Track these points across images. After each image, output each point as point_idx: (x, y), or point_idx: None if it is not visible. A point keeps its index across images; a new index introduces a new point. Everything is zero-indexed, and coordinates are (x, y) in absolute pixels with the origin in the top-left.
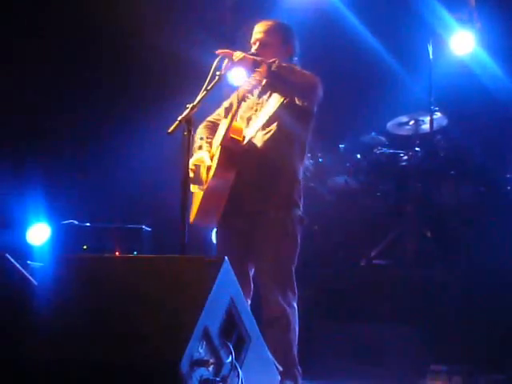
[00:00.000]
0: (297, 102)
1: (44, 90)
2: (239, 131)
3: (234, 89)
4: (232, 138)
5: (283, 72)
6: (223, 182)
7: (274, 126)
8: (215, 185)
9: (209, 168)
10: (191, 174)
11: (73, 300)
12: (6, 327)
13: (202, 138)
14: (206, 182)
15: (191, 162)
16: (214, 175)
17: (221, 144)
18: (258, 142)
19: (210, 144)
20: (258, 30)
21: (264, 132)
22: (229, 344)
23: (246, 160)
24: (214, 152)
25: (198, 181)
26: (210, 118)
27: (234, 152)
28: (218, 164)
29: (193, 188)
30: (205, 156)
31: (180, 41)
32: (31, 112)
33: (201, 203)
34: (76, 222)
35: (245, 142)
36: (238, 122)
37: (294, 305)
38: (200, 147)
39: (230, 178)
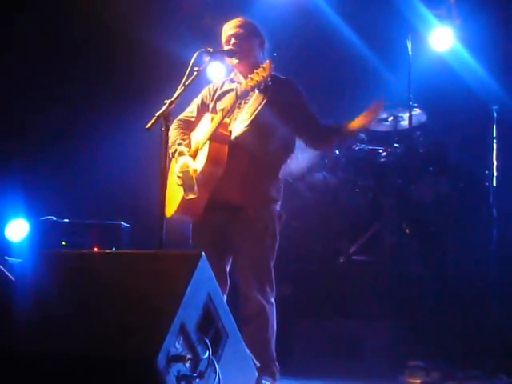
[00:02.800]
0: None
1: (22, 86)
2: (225, 126)
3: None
4: (221, 132)
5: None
6: (211, 177)
7: (258, 123)
8: (202, 179)
9: (195, 171)
10: (179, 182)
11: (51, 295)
12: None
13: (179, 144)
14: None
15: (177, 170)
16: (202, 170)
17: (209, 139)
18: (243, 137)
19: (189, 144)
20: (229, 27)
21: (248, 128)
22: (206, 340)
23: (230, 155)
24: (197, 145)
25: (189, 187)
26: (181, 117)
27: (221, 147)
28: (207, 159)
29: (188, 196)
30: (189, 161)
31: (159, 36)
32: (9, 108)
33: (182, 200)
34: (54, 218)
35: (232, 137)
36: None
37: (273, 301)
38: (180, 153)
39: (218, 173)
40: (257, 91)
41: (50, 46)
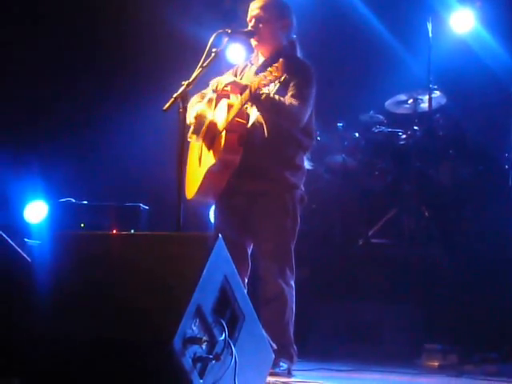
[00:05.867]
0: None
1: (39, 71)
2: (243, 113)
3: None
4: (237, 121)
5: (269, 107)
6: (228, 164)
7: None
8: (220, 166)
9: (210, 122)
10: (192, 126)
11: (69, 277)
12: (2, 305)
13: (198, 102)
14: (203, 135)
15: (193, 114)
16: (219, 159)
17: (226, 128)
18: (260, 123)
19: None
20: (254, 7)
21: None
22: (222, 322)
23: (248, 141)
24: (213, 133)
25: (198, 131)
26: (203, 91)
27: (239, 135)
28: (223, 147)
29: (191, 138)
30: (206, 110)
31: (177, 17)
32: (28, 92)
33: (203, 182)
34: (73, 200)
35: (249, 124)
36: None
37: (292, 283)
38: (198, 102)
39: (235, 161)
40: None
41: (68, 30)
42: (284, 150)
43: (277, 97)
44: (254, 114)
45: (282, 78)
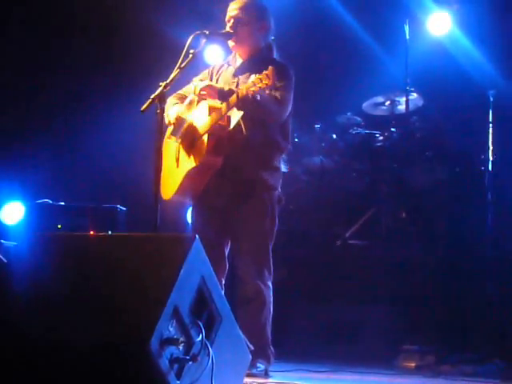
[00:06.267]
0: None
1: (19, 68)
2: (224, 116)
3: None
4: (219, 124)
5: (255, 110)
6: (210, 167)
7: None
8: (202, 168)
9: (189, 124)
10: (171, 127)
11: (46, 278)
12: None
13: (176, 103)
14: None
15: (173, 115)
16: (201, 161)
17: (208, 131)
18: (240, 125)
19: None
20: (233, 8)
21: (244, 115)
22: (199, 323)
23: (228, 142)
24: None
25: (177, 132)
26: (179, 92)
27: (221, 138)
28: (207, 150)
29: (170, 138)
30: (186, 112)
31: (156, 18)
32: (5, 92)
33: (182, 183)
34: (50, 201)
35: (231, 126)
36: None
37: (270, 284)
38: (175, 103)
39: (218, 163)
40: (253, 76)
41: (46, 30)
42: (262, 151)
43: (262, 100)
44: (235, 117)
45: (272, 89)
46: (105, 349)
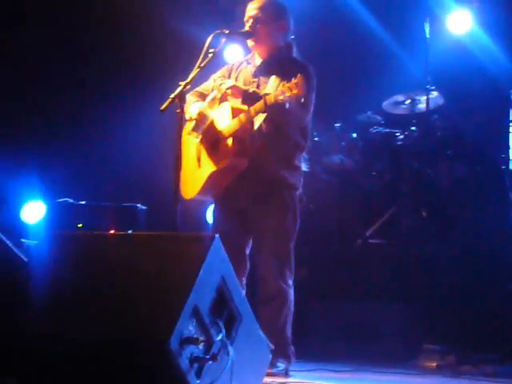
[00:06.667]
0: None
1: (37, 69)
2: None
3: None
4: (245, 127)
5: (280, 116)
6: (236, 168)
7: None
8: (228, 170)
9: (211, 123)
10: (194, 122)
11: (66, 277)
12: None
13: (196, 101)
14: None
15: (195, 110)
16: (228, 163)
17: (233, 133)
18: (262, 125)
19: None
20: (251, 7)
21: (267, 116)
22: (219, 322)
23: (252, 144)
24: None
25: (199, 128)
26: (198, 89)
27: (246, 140)
28: (233, 152)
29: (191, 134)
30: (208, 109)
31: (175, 16)
32: (25, 91)
33: (206, 183)
34: (71, 200)
35: (254, 128)
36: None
37: (291, 283)
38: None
39: (243, 165)
40: (274, 76)
41: (60, 31)
42: (283, 150)
43: (290, 108)
44: (259, 119)
45: (302, 99)
46: (125, 348)
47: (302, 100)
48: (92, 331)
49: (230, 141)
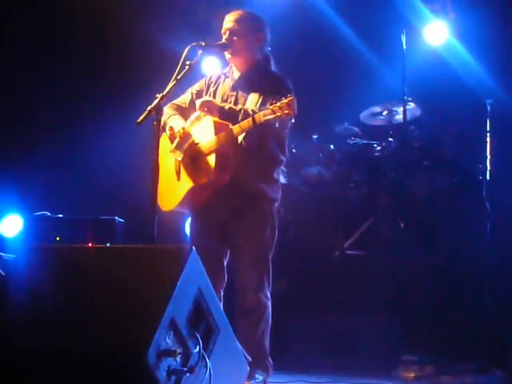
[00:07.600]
0: None
1: (13, 82)
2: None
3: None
4: (228, 142)
5: (268, 133)
6: (217, 182)
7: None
8: (209, 184)
9: (193, 141)
10: (177, 140)
11: (44, 290)
12: None
13: (174, 114)
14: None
15: (179, 126)
16: (210, 178)
17: (216, 149)
18: (243, 141)
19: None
20: (228, 20)
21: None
22: (197, 334)
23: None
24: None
25: (181, 147)
26: (175, 101)
27: (229, 155)
28: (216, 168)
29: (174, 152)
30: (190, 127)
31: (152, 29)
32: (2, 105)
33: (185, 196)
34: (49, 214)
35: (239, 141)
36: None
37: (269, 295)
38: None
39: (226, 179)
40: (253, 93)
41: (41, 41)
42: (262, 164)
43: (280, 126)
44: (242, 135)
45: (293, 119)
46: (102, 361)
47: (293, 120)
48: (69, 344)
49: (212, 157)
